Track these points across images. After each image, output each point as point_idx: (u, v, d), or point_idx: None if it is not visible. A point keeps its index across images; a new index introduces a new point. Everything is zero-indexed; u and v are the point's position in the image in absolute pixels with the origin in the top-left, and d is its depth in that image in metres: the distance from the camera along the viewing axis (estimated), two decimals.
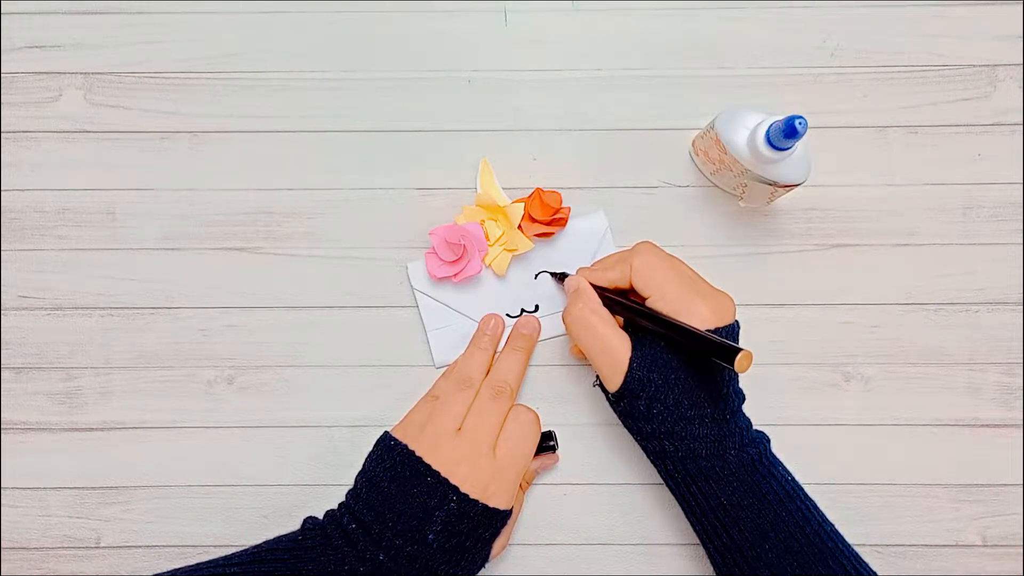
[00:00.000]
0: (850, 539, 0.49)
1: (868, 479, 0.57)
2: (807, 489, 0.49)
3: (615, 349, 0.50)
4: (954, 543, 0.57)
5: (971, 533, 0.57)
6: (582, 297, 0.52)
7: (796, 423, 0.57)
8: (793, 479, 0.50)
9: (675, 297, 0.49)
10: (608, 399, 0.52)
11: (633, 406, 0.49)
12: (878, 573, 0.48)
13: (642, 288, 0.50)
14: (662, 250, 0.53)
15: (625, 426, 0.52)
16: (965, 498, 0.57)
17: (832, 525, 0.49)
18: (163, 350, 0.57)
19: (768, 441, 0.51)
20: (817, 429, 0.57)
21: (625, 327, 0.52)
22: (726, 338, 0.48)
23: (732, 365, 0.44)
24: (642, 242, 0.53)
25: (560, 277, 0.57)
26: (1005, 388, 0.57)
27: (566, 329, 0.53)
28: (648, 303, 0.50)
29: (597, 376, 0.51)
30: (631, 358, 0.49)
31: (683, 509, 0.51)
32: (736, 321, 0.50)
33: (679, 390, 0.48)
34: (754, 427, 0.51)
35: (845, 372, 0.57)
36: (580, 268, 0.55)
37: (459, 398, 0.52)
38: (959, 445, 0.57)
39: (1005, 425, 0.57)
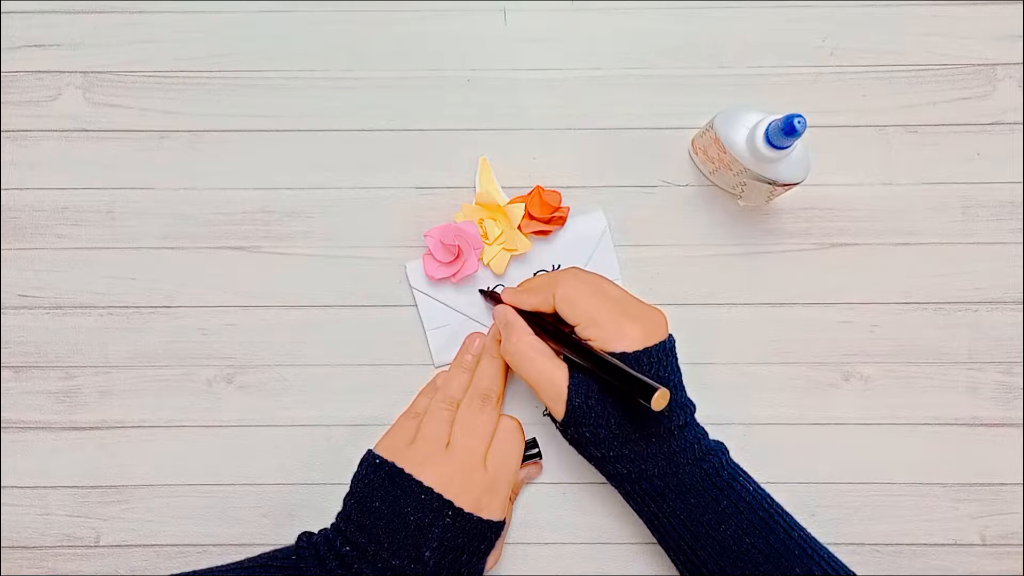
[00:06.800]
0: (849, 538, 0.49)
1: (867, 478, 0.57)
2: (805, 489, 0.49)
3: (554, 380, 0.49)
4: (953, 542, 0.57)
5: (970, 532, 0.57)
6: (514, 331, 0.51)
7: (795, 423, 0.57)
8: (756, 487, 0.49)
9: (604, 323, 0.49)
10: (557, 428, 0.51)
11: (579, 434, 0.49)
12: (857, 573, 0.48)
13: (568, 318, 0.50)
14: (586, 274, 0.52)
15: (579, 453, 0.51)
16: (964, 497, 0.57)
17: (802, 529, 0.49)
18: (163, 349, 0.57)
19: (726, 451, 0.50)
20: (816, 429, 0.57)
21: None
22: (659, 355, 0.48)
23: (649, 402, 0.43)
24: (566, 269, 0.53)
25: (490, 295, 0.56)
26: (1005, 387, 0.57)
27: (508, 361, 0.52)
28: (577, 331, 0.50)
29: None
30: (568, 387, 0.49)
31: (648, 528, 0.51)
32: (670, 336, 0.50)
33: (620, 413, 0.48)
34: (713, 438, 0.51)
35: (844, 371, 0.57)
36: (506, 290, 0.54)
37: (446, 415, 0.51)
38: (958, 444, 0.57)
39: (1004, 424, 0.57)
